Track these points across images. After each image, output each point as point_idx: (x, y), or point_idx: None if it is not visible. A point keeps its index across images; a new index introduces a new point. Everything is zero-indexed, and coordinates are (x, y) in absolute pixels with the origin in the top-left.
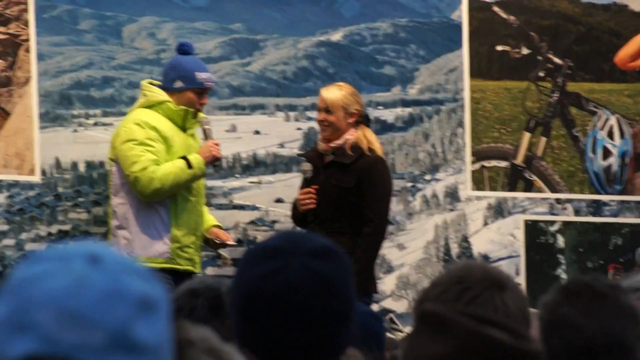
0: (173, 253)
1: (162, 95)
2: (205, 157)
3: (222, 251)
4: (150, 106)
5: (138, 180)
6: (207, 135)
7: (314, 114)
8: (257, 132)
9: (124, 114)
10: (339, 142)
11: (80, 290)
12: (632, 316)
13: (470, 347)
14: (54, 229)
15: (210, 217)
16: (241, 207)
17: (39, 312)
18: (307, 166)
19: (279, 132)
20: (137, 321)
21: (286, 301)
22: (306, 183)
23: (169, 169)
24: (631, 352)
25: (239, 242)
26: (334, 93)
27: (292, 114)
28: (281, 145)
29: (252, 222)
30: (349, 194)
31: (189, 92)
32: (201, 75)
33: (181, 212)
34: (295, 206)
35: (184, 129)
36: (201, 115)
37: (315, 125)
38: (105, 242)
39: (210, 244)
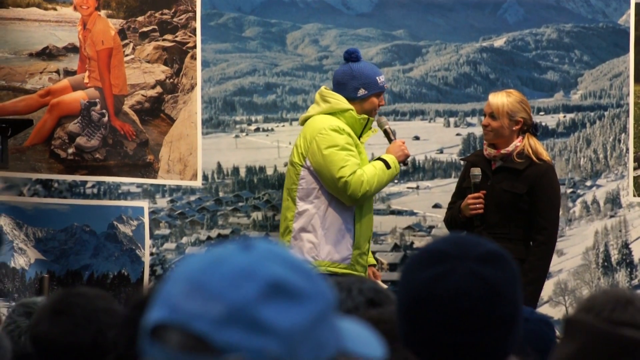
0: (354, 259)
1: (345, 103)
2: (398, 156)
3: (378, 256)
4: (332, 113)
5: (348, 184)
6: (390, 135)
7: (474, 120)
8: (416, 138)
9: (285, 120)
10: (509, 149)
11: (215, 267)
12: None
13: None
14: (214, 233)
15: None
16: (399, 213)
17: (174, 285)
18: (477, 171)
19: (438, 137)
20: (265, 303)
21: (452, 306)
22: (475, 188)
23: (373, 171)
24: None
25: (396, 246)
26: (501, 99)
27: (452, 119)
28: (440, 151)
29: (410, 228)
30: (520, 201)
31: (372, 97)
32: (381, 79)
33: (363, 218)
34: (451, 209)
35: (358, 136)
36: (382, 118)
37: (475, 131)
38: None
39: None
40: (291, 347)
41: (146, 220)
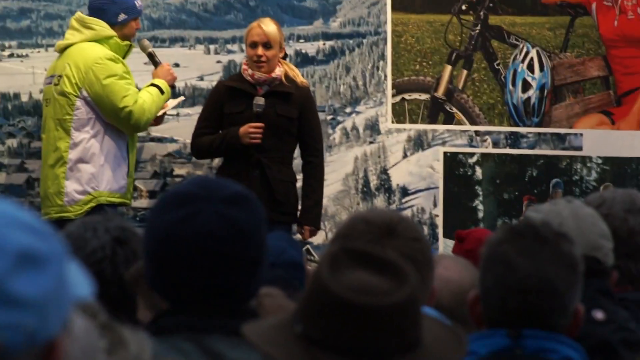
0: (127, 188)
1: (109, 29)
2: (168, 80)
3: (137, 183)
4: (97, 41)
5: (132, 113)
6: (155, 58)
7: (234, 47)
8: (176, 65)
9: (40, 45)
10: (278, 73)
11: None
12: (569, 264)
13: None
14: None
15: None
16: (159, 140)
17: None
18: (260, 100)
19: (198, 65)
20: (16, 275)
21: (198, 247)
22: (256, 117)
23: (150, 98)
24: (562, 297)
25: (156, 173)
26: (273, 27)
27: (212, 46)
28: (200, 78)
29: (170, 155)
30: (292, 125)
31: (132, 22)
32: (139, 2)
33: (133, 147)
34: (202, 134)
35: None
36: (145, 41)
37: (235, 58)
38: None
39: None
40: (43, 316)
41: None
